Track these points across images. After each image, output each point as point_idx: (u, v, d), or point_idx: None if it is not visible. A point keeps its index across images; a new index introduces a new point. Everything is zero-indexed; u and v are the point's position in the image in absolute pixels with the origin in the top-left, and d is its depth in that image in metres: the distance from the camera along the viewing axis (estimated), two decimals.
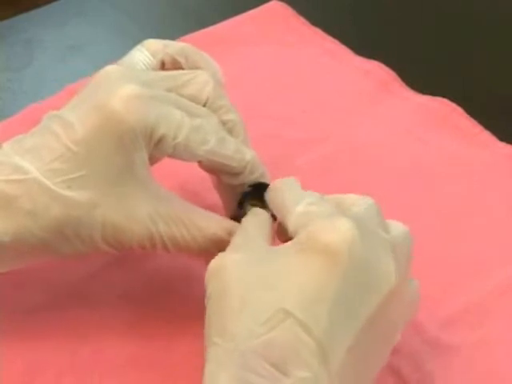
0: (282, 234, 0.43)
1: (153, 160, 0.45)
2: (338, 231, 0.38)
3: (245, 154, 0.46)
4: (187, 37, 0.66)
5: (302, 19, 0.69)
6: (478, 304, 0.49)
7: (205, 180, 0.49)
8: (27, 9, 0.69)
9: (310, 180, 0.55)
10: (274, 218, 0.45)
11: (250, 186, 0.46)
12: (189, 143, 0.43)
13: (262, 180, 0.46)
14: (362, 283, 0.38)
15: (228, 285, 0.38)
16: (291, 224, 0.41)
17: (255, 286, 0.38)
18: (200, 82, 0.46)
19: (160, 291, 0.49)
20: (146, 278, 0.50)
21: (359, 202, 0.42)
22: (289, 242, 0.40)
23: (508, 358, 0.47)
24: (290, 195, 0.43)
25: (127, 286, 0.49)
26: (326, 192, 0.55)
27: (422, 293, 0.48)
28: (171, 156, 0.44)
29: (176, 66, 0.48)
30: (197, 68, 0.48)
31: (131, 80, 0.43)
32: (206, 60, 0.49)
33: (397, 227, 0.42)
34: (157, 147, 0.43)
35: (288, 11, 0.70)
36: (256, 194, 0.46)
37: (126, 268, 0.50)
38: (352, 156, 0.57)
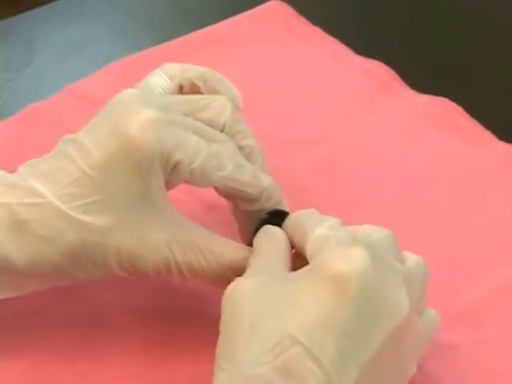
0: (299, 262, 0.43)
1: (169, 185, 0.44)
2: (350, 260, 0.38)
3: (262, 181, 0.45)
4: (187, 36, 0.66)
5: (301, 19, 0.69)
6: (478, 304, 0.49)
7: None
8: (27, 8, 0.69)
9: (310, 180, 0.56)
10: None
11: (267, 213, 0.46)
12: (205, 169, 0.43)
13: (279, 207, 0.46)
14: (372, 313, 0.38)
15: (239, 310, 0.38)
16: (309, 247, 0.41)
17: (265, 311, 0.38)
18: (218, 106, 0.45)
19: (162, 291, 0.49)
20: (148, 278, 0.50)
21: (375, 232, 0.42)
22: (303, 268, 0.39)
23: (508, 357, 0.47)
24: (310, 221, 0.43)
25: (129, 287, 0.49)
26: (326, 192, 0.55)
27: None
28: (187, 182, 0.44)
29: (194, 89, 0.48)
30: (215, 92, 0.47)
31: (148, 104, 0.43)
32: (225, 84, 0.48)
33: (411, 257, 0.42)
34: (173, 173, 0.43)
35: (288, 11, 0.69)
36: (273, 221, 0.45)
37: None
38: (352, 156, 0.57)
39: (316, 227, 0.41)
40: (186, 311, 0.48)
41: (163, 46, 0.64)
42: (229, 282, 0.42)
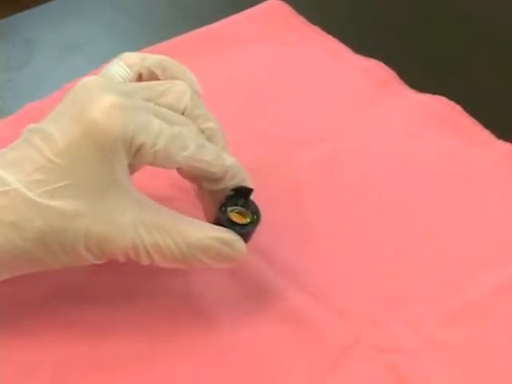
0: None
1: (132, 169, 0.45)
2: None
3: (225, 160, 0.46)
4: (186, 35, 0.66)
5: (301, 18, 0.69)
6: (478, 304, 0.49)
7: None
8: (26, 7, 0.69)
9: (309, 179, 0.56)
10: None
11: (232, 189, 0.46)
12: (168, 150, 0.44)
13: (244, 184, 0.47)
14: None
15: None
16: None
17: None
18: (177, 91, 0.46)
19: (159, 289, 0.49)
20: (147, 277, 0.49)
21: None
22: None
23: (508, 357, 0.47)
24: None
25: (127, 284, 0.49)
26: (325, 191, 0.55)
27: (422, 292, 0.48)
28: (151, 164, 0.44)
29: (153, 78, 0.49)
30: (174, 79, 0.48)
31: (110, 90, 0.44)
32: (183, 71, 0.49)
33: None
34: (136, 155, 0.43)
35: (287, 10, 0.69)
36: (238, 197, 0.46)
37: (127, 267, 0.50)
38: (351, 155, 0.57)
39: None
40: (183, 311, 0.48)
41: (162, 44, 0.64)
42: (200, 262, 0.44)
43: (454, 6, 0.71)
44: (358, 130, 0.59)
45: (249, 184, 0.47)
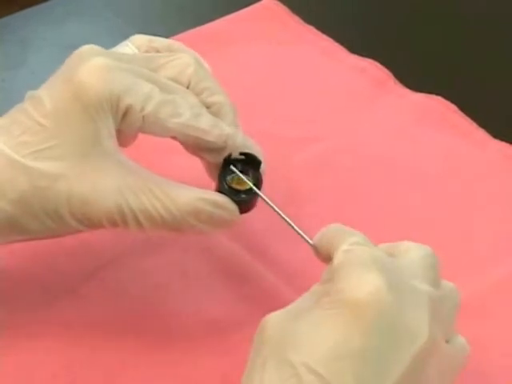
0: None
1: (124, 137, 0.44)
2: (365, 286, 0.36)
3: (223, 129, 0.44)
4: (181, 35, 0.66)
5: (295, 17, 0.69)
6: (475, 302, 0.49)
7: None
8: (22, 7, 0.69)
9: (306, 178, 0.56)
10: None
11: (241, 153, 0.45)
12: (158, 115, 0.43)
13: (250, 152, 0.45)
14: (390, 340, 0.36)
15: (263, 340, 0.37)
16: (333, 263, 0.39)
17: (286, 342, 0.37)
18: (181, 64, 0.45)
19: (158, 291, 0.49)
20: (144, 278, 0.50)
21: (415, 250, 0.41)
22: (325, 296, 0.38)
23: (504, 356, 0.47)
24: (338, 235, 0.41)
25: (125, 286, 0.49)
26: (322, 190, 0.55)
27: None
28: (143, 130, 0.43)
29: None
30: None
31: (101, 55, 0.43)
32: (191, 53, 0.48)
33: (446, 283, 0.41)
34: (125, 119, 0.43)
35: (282, 9, 0.69)
36: (246, 163, 0.45)
37: (124, 268, 0.50)
38: (348, 154, 0.58)
39: (341, 243, 0.40)
40: (181, 312, 0.48)
41: None
42: (191, 227, 0.42)
43: (450, 6, 0.72)
44: (354, 129, 0.59)
45: (257, 154, 0.45)
